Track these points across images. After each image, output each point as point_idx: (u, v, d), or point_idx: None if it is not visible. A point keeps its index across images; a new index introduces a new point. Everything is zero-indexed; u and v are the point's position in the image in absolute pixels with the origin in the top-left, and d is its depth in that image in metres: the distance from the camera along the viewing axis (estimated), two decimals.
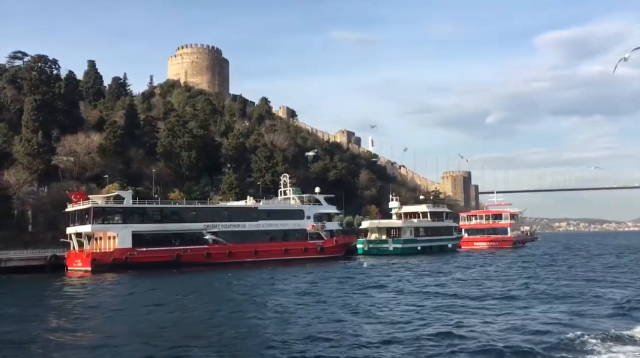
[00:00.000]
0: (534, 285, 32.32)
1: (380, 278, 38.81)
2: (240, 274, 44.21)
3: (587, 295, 27.54)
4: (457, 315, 22.26)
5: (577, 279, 35.64)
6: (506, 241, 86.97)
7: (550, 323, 20.02)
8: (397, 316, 22.27)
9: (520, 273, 41.50)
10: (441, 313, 22.73)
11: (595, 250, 78.04)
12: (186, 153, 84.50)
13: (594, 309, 23.07)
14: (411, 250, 70.35)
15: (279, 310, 24.42)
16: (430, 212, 76.56)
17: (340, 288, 32.44)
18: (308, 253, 59.45)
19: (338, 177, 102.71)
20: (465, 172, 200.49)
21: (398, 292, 30.68)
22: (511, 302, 25.78)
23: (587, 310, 22.95)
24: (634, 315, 21.57)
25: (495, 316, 21.94)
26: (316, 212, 62.15)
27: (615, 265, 47.92)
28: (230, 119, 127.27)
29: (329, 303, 26.13)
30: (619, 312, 22.20)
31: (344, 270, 46.79)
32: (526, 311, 22.99)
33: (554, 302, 25.41)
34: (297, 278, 39.48)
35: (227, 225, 54.28)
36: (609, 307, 23.56)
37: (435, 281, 36.15)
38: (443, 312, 23.03)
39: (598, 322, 20.05)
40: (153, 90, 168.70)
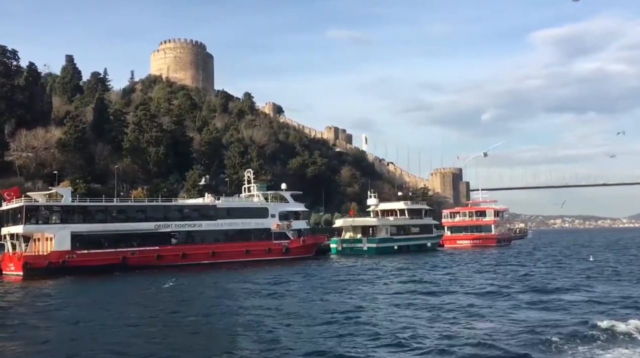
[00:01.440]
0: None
1: (328, 283, 34.90)
2: (186, 278, 40.28)
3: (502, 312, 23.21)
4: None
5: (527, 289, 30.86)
6: (490, 239, 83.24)
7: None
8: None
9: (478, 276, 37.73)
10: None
11: (578, 249, 74.59)
12: (154, 148, 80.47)
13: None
14: (387, 249, 66.52)
15: (169, 325, 20.55)
16: (408, 209, 72.68)
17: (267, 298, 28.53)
18: (272, 254, 55.53)
19: (317, 173, 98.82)
20: (456, 169, 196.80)
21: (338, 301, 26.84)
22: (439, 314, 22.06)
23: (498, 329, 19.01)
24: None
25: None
26: (282, 210, 58.17)
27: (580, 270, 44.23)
28: (209, 114, 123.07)
29: (239, 317, 22.22)
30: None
31: (303, 272, 42.87)
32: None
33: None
34: (244, 282, 35.61)
35: (181, 225, 50.24)
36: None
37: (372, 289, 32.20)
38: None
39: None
40: (134, 86, 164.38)
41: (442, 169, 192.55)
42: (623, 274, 37.16)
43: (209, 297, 29.17)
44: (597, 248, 76.39)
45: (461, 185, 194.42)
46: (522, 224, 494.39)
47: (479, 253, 65.72)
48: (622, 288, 29.03)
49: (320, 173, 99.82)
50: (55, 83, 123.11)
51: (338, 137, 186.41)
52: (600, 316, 20.13)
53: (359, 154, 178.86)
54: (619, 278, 34.85)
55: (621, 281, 32.94)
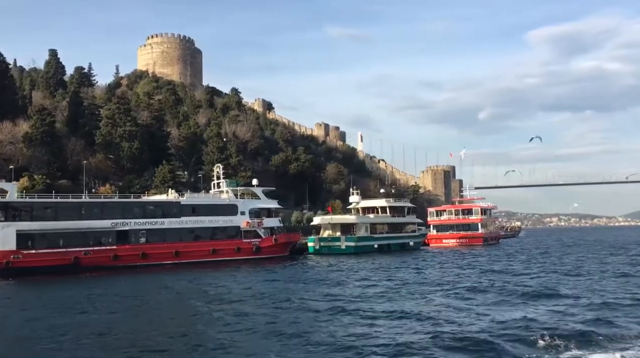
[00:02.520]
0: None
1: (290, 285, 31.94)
2: (137, 280, 37.29)
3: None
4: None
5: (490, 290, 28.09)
6: (477, 238, 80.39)
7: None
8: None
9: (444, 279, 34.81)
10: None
11: (564, 249, 71.83)
12: (127, 143, 77.30)
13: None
14: (366, 248, 63.61)
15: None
16: (390, 206, 69.72)
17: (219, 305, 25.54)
18: (242, 253, 52.56)
19: (300, 170, 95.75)
20: (449, 167, 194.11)
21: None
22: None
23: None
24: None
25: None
26: (253, 207, 55.18)
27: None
28: (193, 109, 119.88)
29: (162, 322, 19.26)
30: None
31: (266, 273, 39.96)
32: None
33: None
34: (198, 284, 32.67)
35: (141, 223, 47.15)
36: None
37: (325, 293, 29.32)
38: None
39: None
40: (119, 81, 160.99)
41: (434, 166, 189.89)
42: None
43: (130, 305, 26.02)
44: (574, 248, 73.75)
45: (454, 183, 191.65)
46: (518, 222, 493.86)
47: (457, 254, 62.85)
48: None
49: (304, 170, 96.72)
50: (39, 78, 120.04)
51: (328, 134, 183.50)
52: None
53: (350, 151, 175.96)
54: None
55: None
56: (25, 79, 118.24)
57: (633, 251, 62.46)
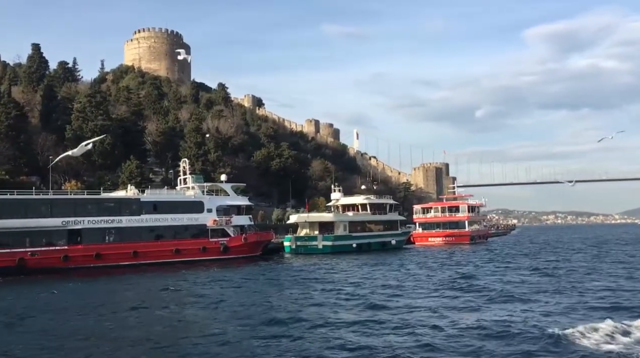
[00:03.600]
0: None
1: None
2: (81, 284, 34.18)
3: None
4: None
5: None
6: (463, 236, 77.44)
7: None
8: None
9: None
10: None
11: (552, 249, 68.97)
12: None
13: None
14: (344, 248, 60.56)
15: None
16: (370, 203, 66.59)
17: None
18: (208, 253, 49.44)
19: (283, 166, 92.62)
20: (442, 164, 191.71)
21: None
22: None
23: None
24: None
25: None
26: (221, 204, 52.03)
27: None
28: (175, 104, 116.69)
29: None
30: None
31: (229, 275, 36.91)
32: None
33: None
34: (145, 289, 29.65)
35: (95, 221, 44.02)
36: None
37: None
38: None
39: None
40: (105, 76, 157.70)
41: (427, 163, 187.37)
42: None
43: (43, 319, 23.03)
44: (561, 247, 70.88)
45: (447, 180, 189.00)
46: (514, 220, 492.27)
47: (437, 253, 59.89)
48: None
49: (287, 166, 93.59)
50: (22, 73, 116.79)
51: (319, 131, 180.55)
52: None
53: (340, 147, 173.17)
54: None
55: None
56: (6, 73, 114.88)
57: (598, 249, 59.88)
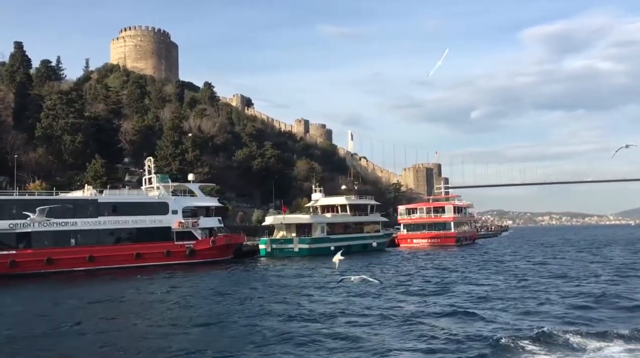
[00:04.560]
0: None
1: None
2: (22, 292, 31.37)
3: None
4: None
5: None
6: (449, 238, 74.79)
7: None
8: None
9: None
10: None
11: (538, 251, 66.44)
12: (69, 136, 71.19)
13: None
14: (322, 250, 57.69)
15: None
16: (350, 204, 63.91)
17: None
18: (173, 257, 46.67)
19: (265, 166, 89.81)
20: (433, 165, 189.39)
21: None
22: None
23: None
24: None
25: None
26: (187, 205, 49.27)
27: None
28: (158, 103, 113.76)
29: None
30: None
31: (170, 282, 34.15)
32: None
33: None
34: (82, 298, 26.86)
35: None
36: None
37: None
38: None
39: None
40: (89, 75, 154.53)
41: (419, 164, 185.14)
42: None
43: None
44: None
45: (439, 181, 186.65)
46: (510, 221, 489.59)
47: (418, 257, 57.23)
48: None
49: (270, 166, 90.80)
50: (4, 71, 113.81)
51: (308, 131, 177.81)
52: None
53: (330, 148, 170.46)
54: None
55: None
56: None
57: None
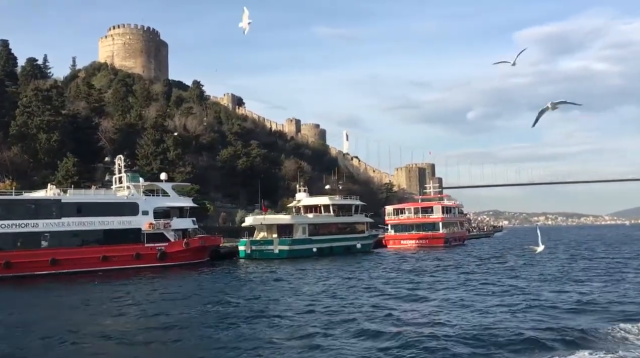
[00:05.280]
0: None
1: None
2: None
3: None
4: None
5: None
6: (437, 239, 72.79)
7: None
8: None
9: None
10: None
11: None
12: (45, 135, 68.85)
13: None
14: (303, 252, 55.72)
15: None
16: (334, 205, 61.79)
17: None
18: (143, 260, 44.43)
19: (250, 165, 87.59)
20: (427, 165, 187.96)
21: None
22: None
23: None
24: None
25: None
26: (159, 205, 47.05)
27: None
28: (143, 101, 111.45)
29: None
30: None
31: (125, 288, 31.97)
32: None
33: None
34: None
35: (4, 225, 38.88)
36: None
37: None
38: None
39: None
40: (77, 73, 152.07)
41: (412, 164, 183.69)
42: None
43: None
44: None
45: (432, 181, 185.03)
46: (505, 221, 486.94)
47: (401, 258, 55.11)
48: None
49: (255, 165, 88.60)
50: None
51: (299, 130, 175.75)
52: None
53: (322, 147, 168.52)
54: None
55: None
56: None
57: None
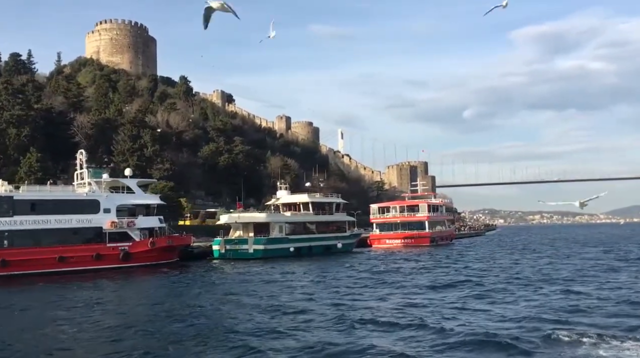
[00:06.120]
0: None
1: None
2: None
3: None
4: None
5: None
6: (423, 238, 70.40)
7: None
8: None
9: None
10: None
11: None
12: (14, 130, 66.22)
13: None
14: (279, 252, 53.23)
15: None
16: (313, 202, 59.26)
17: None
18: (104, 261, 41.84)
19: (233, 162, 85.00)
20: (419, 163, 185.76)
21: None
22: None
23: None
24: None
25: None
26: (123, 203, 44.44)
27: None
28: (126, 97, 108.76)
29: None
30: None
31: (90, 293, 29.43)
32: None
33: None
34: None
35: None
36: None
37: None
38: None
39: None
40: (62, 69, 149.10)
41: (404, 162, 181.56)
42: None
43: None
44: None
45: (425, 179, 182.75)
46: (501, 220, 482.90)
47: (380, 257, 52.69)
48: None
49: (238, 162, 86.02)
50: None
51: (290, 128, 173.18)
52: None
53: (312, 145, 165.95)
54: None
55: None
56: None
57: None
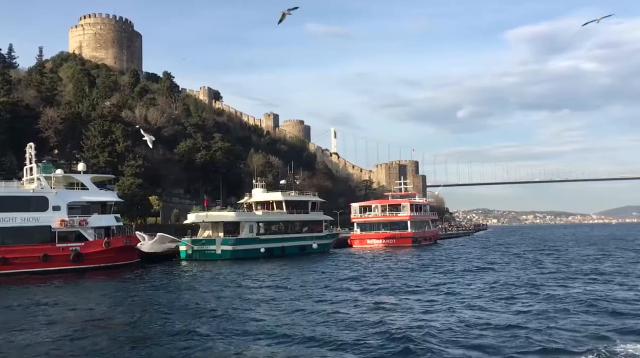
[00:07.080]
0: None
1: None
2: None
3: None
4: None
5: None
6: (405, 238, 67.66)
7: None
8: None
9: None
10: None
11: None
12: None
13: None
14: (250, 253, 50.38)
15: None
16: (287, 201, 56.30)
17: None
18: (52, 263, 38.82)
19: (210, 159, 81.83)
20: (409, 162, 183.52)
21: None
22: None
23: None
24: None
25: None
26: (75, 200, 41.38)
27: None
28: (104, 92, 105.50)
29: None
30: None
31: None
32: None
33: None
34: None
35: None
36: None
37: None
38: None
39: None
40: (43, 64, 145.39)
41: (393, 161, 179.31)
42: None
43: None
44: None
45: (416, 178, 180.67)
46: (494, 220, 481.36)
47: (360, 258, 49.86)
48: None
49: (216, 159, 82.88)
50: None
51: (277, 125, 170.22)
52: None
53: (299, 143, 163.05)
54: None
55: None
56: None
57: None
